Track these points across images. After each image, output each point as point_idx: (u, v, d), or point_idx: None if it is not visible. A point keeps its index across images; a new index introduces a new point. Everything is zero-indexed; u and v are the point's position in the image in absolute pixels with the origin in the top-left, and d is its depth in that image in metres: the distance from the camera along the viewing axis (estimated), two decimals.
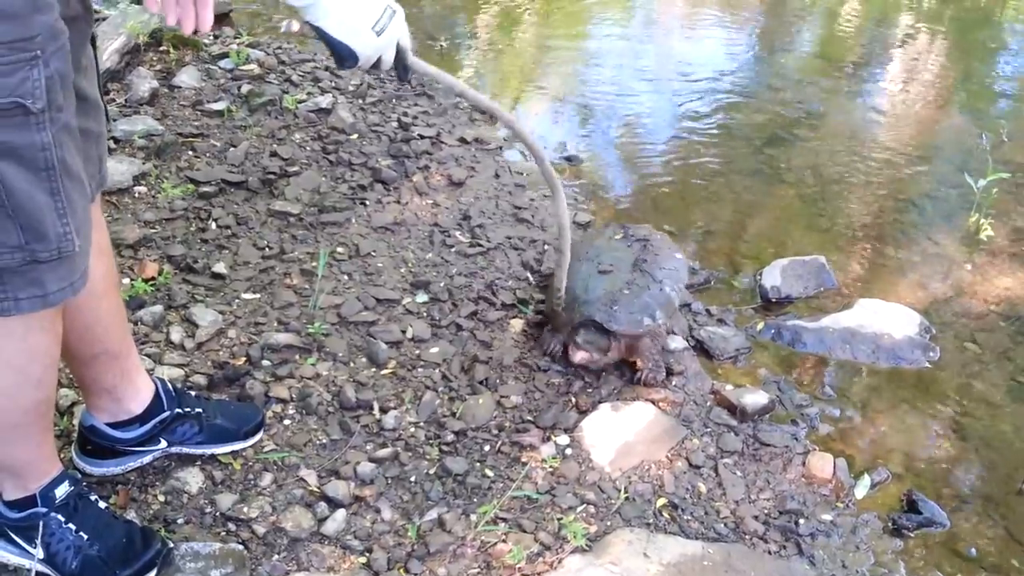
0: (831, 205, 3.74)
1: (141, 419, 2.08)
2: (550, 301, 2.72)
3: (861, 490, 2.45)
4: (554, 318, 2.73)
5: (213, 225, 3.08)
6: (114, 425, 2.06)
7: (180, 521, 2.05)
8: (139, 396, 2.07)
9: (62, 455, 2.09)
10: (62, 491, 1.84)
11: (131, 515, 2.03)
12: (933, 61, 5.34)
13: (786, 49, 5.38)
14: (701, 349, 2.90)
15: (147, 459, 2.14)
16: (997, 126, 4.38)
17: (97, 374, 1.99)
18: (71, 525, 1.84)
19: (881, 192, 3.84)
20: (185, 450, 2.18)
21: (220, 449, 2.21)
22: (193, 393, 2.28)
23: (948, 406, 2.77)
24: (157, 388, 2.10)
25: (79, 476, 2.03)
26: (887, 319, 3.01)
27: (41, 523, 1.82)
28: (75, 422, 2.17)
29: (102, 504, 1.93)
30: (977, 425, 2.71)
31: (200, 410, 2.18)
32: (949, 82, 5.06)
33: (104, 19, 4.09)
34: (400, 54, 1.87)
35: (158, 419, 2.09)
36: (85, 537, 1.84)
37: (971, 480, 2.53)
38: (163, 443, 2.13)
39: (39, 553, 1.83)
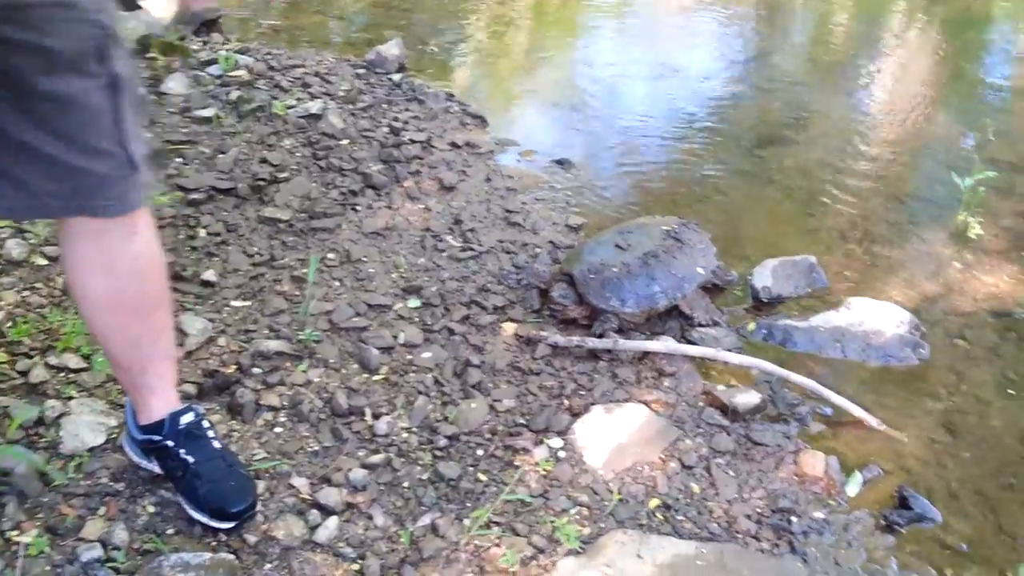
0: (821, 205, 3.75)
1: (142, 430, 2.09)
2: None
3: (853, 487, 2.45)
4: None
5: (202, 232, 3.08)
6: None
7: (170, 532, 2.04)
8: (145, 414, 2.06)
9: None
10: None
11: (120, 527, 2.02)
12: (922, 61, 5.36)
13: (777, 51, 5.40)
14: None
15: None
16: (984, 125, 4.40)
17: (114, 369, 2.08)
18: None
19: (870, 191, 3.85)
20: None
21: (190, 509, 2.08)
22: (216, 445, 2.12)
23: (938, 403, 2.78)
24: (166, 420, 2.05)
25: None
26: (877, 317, 3.02)
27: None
28: (61, 433, 2.19)
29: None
30: (967, 421, 2.72)
31: (192, 459, 2.06)
32: (937, 82, 5.08)
33: None
34: None
35: (147, 437, 2.08)
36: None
37: (962, 476, 2.54)
38: (156, 466, 2.12)
39: None
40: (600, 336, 2.82)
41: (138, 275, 1.90)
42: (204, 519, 2.04)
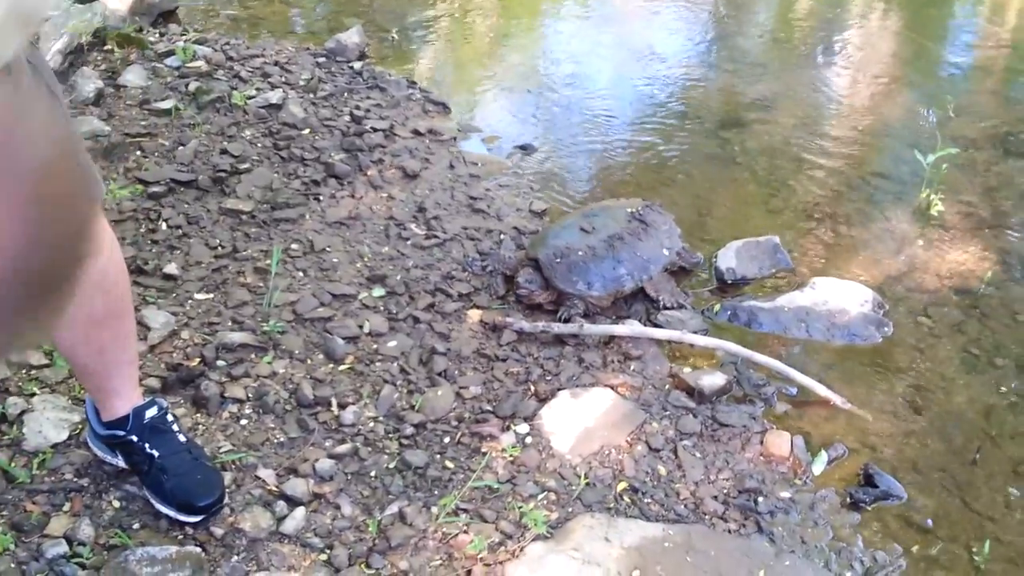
0: (785, 186, 3.77)
1: (105, 425, 2.07)
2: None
3: (818, 466, 2.47)
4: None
5: (163, 225, 3.04)
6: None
7: (136, 526, 2.03)
8: (109, 412, 2.05)
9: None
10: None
11: (85, 522, 2.00)
12: (885, 40, 5.39)
13: (740, 32, 5.40)
14: None
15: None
16: (945, 102, 4.43)
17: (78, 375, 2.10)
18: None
19: (834, 171, 3.87)
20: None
21: (157, 503, 2.08)
22: (181, 439, 2.11)
23: (902, 380, 2.80)
24: (130, 415, 2.04)
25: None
26: (841, 296, 3.04)
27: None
28: (24, 430, 2.15)
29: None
30: (931, 398, 2.75)
31: (156, 453, 2.05)
32: (900, 60, 5.11)
33: (46, 19, 4.02)
34: None
35: (111, 433, 2.06)
36: None
37: (926, 452, 2.57)
38: (121, 461, 2.11)
39: None
40: (566, 321, 2.82)
41: (105, 288, 1.87)
42: (171, 513, 2.03)
